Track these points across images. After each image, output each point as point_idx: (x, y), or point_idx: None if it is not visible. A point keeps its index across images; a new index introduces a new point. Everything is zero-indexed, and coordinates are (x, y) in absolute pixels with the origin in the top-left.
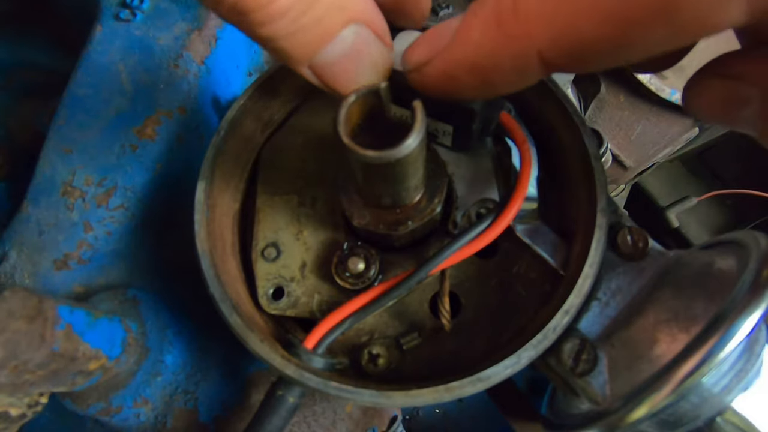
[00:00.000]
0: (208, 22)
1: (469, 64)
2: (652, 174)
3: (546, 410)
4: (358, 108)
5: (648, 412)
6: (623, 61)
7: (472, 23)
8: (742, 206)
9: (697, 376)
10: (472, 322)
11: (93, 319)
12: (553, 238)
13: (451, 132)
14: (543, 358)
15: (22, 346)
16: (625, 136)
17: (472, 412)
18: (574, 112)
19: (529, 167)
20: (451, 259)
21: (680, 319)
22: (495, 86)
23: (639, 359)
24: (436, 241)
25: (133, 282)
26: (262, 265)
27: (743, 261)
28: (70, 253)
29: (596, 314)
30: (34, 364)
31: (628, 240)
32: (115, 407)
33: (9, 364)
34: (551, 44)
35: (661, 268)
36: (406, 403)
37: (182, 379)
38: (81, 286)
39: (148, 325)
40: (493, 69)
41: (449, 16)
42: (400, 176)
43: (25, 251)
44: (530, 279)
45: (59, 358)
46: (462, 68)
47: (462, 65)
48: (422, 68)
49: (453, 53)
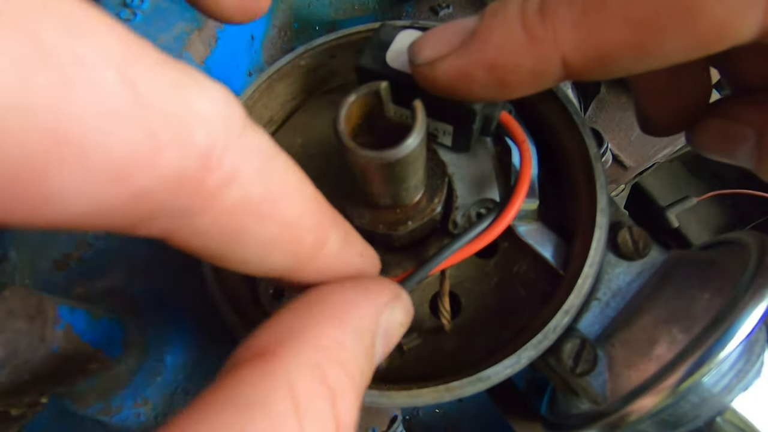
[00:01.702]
0: (208, 22)
1: (488, 64)
2: (652, 174)
3: (546, 410)
4: (358, 108)
5: (648, 412)
6: (642, 69)
7: (493, 23)
8: (742, 206)
9: (697, 376)
10: (472, 322)
11: (93, 319)
12: (553, 238)
13: (451, 132)
14: (543, 358)
15: (22, 346)
16: (625, 136)
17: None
18: (575, 112)
19: (529, 167)
20: (451, 259)
21: (680, 319)
22: (509, 88)
23: (639, 359)
24: (436, 240)
25: (133, 282)
26: None
27: (743, 261)
28: (70, 253)
29: (596, 314)
30: (34, 364)
31: (628, 240)
32: (115, 407)
33: (9, 364)
34: (576, 48)
35: (661, 268)
36: (406, 403)
37: (182, 379)
38: (81, 286)
39: (148, 325)
40: (512, 70)
41: (449, 16)
42: (400, 176)
43: (25, 251)
44: (530, 279)
45: (59, 358)
46: (479, 67)
47: (480, 64)
48: (435, 63)
49: (471, 50)
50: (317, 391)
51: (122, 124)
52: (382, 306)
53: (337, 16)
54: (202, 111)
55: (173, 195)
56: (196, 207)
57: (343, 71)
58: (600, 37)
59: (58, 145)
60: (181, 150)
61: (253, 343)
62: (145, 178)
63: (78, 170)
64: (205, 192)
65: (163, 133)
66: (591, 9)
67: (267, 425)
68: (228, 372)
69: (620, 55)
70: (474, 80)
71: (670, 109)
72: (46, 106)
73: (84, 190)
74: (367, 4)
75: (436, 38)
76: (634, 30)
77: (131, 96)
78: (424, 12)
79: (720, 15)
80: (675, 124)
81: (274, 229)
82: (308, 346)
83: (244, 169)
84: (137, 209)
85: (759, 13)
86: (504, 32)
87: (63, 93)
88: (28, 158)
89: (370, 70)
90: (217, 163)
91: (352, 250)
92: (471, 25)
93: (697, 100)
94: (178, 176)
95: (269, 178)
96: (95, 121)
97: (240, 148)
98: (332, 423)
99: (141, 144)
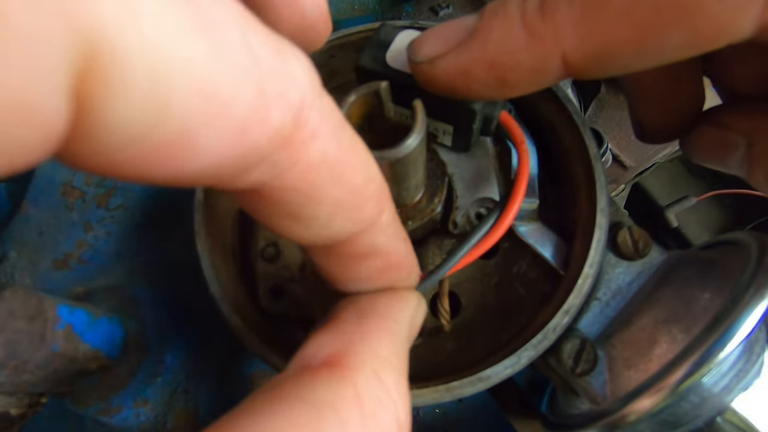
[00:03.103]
0: None
1: (488, 62)
2: (652, 174)
3: (546, 410)
4: (358, 108)
5: (648, 412)
6: (641, 66)
7: (493, 21)
8: (742, 206)
9: (697, 376)
10: (472, 322)
11: (93, 319)
12: (553, 238)
13: (451, 132)
14: (543, 358)
15: (22, 346)
16: (625, 136)
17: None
18: (575, 112)
19: (526, 168)
20: (455, 268)
21: (680, 319)
22: (509, 86)
23: (639, 359)
24: (436, 240)
25: (133, 282)
26: (262, 265)
27: (743, 261)
28: (70, 253)
29: (596, 314)
30: (34, 364)
31: (628, 240)
32: (115, 407)
33: (9, 364)
34: (576, 46)
35: (661, 268)
36: None
37: (182, 379)
38: (81, 286)
39: (148, 325)
40: (512, 68)
41: (449, 16)
42: (400, 176)
43: (25, 251)
44: (530, 279)
45: (59, 358)
46: (479, 65)
47: (480, 62)
48: (435, 61)
49: (471, 48)
50: (381, 398)
51: (245, 84)
52: (413, 312)
53: (337, 16)
54: (297, 72)
55: (274, 147)
56: (287, 160)
57: (343, 71)
58: (600, 34)
59: (208, 106)
60: (283, 107)
61: (317, 352)
62: (257, 133)
63: (216, 129)
64: (296, 145)
65: (271, 92)
66: (591, 7)
67: (335, 423)
68: (296, 374)
69: (620, 52)
70: (474, 78)
71: (664, 116)
72: (202, 69)
73: (216, 148)
74: (367, 4)
75: (436, 36)
76: (634, 27)
77: (252, 59)
78: (424, 12)
79: (718, 12)
80: (669, 131)
81: (343, 191)
82: (370, 356)
83: (323, 128)
84: (245, 161)
85: (756, 11)
86: (504, 30)
87: (213, 55)
88: (188, 120)
89: (369, 70)
90: (305, 120)
91: (399, 231)
92: (471, 23)
93: (690, 107)
94: (279, 131)
95: (341, 140)
96: (230, 82)
97: (320, 109)
98: (395, 426)
99: (256, 102)
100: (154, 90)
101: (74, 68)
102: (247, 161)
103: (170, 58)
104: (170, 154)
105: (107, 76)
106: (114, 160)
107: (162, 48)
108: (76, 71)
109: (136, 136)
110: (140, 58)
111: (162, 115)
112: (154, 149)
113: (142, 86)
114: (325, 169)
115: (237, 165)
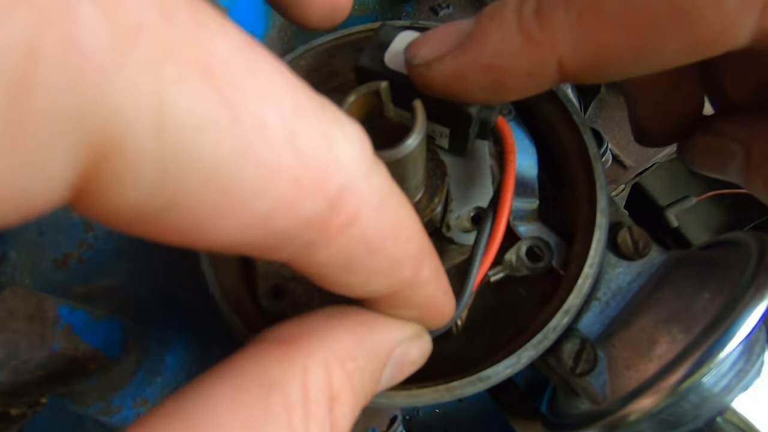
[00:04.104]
0: None
1: (484, 65)
2: (652, 174)
3: (546, 410)
4: (358, 108)
5: (648, 412)
6: (638, 72)
7: (490, 25)
8: (741, 206)
9: (697, 376)
10: (472, 322)
11: (93, 319)
12: (553, 238)
13: (448, 134)
14: (543, 358)
15: (22, 346)
16: (625, 136)
17: (472, 412)
18: (575, 112)
19: (512, 179)
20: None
21: (680, 319)
22: (506, 90)
23: (639, 359)
24: (435, 242)
25: (133, 282)
26: (262, 265)
27: (743, 261)
28: (70, 253)
29: (596, 314)
30: (34, 364)
31: (628, 240)
32: (115, 407)
33: (9, 364)
34: (572, 51)
35: (661, 268)
36: (407, 403)
37: (182, 379)
38: (81, 286)
39: (148, 324)
40: (508, 72)
41: (449, 16)
42: (401, 176)
43: (25, 251)
44: (530, 279)
45: (59, 358)
46: (476, 68)
47: (476, 65)
48: (432, 63)
49: (468, 52)
50: (323, 389)
51: (278, 176)
52: (400, 339)
53: None
54: (343, 157)
55: (302, 232)
56: (319, 243)
57: (343, 71)
58: (596, 40)
59: (226, 202)
60: (319, 197)
61: (278, 330)
62: (283, 222)
63: (232, 219)
64: (331, 231)
65: (307, 182)
66: (587, 12)
67: (281, 410)
68: (250, 347)
69: (616, 58)
70: (470, 81)
71: (663, 120)
72: (225, 170)
73: (234, 233)
74: (367, 4)
75: (433, 39)
76: (631, 34)
77: (292, 151)
78: (424, 12)
79: (716, 20)
80: (668, 134)
81: (381, 262)
82: (324, 347)
83: (365, 210)
84: (269, 243)
85: (753, 19)
86: (500, 34)
87: (242, 154)
88: (199, 213)
89: (369, 70)
90: (345, 204)
91: (439, 285)
92: (468, 26)
93: (689, 111)
94: (310, 221)
95: (384, 217)
96: (257, 179)
97: (365, 188)
98: (329, 424)
99: (287, 194)
100: (163, 183)
101: (79, 168)
102: (271, 244)
103: (187, 160)
104: (182, 233)
105: (114, 173)
106: (124, 226)
107: (177, 151)
108: (81, 171)
109: (143, 217)
110: (150, 164)
111: (172, 204)
112: (165, 228)
113: (148, 179)
114: (363, 247)
115: (261, 245)
